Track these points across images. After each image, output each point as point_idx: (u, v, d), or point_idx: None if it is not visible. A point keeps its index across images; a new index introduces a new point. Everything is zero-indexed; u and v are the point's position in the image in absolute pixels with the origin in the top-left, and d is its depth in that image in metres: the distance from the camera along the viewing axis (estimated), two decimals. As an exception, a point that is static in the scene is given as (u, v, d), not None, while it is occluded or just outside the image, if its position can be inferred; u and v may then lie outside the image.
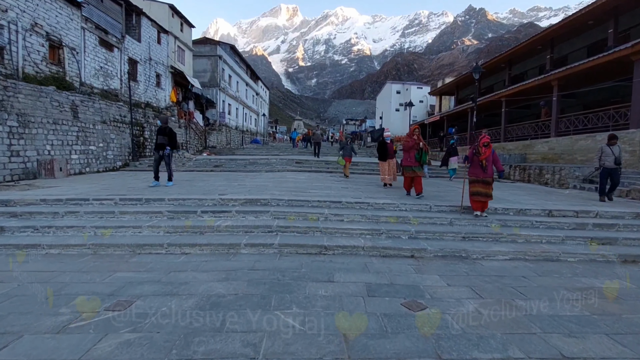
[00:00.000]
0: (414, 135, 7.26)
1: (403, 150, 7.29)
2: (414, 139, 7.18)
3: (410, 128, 7.46)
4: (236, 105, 35.56)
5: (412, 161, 7.03)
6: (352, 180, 10.66)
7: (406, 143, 7.26)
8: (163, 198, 6.07)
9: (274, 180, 9.86)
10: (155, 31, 19.43)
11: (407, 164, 7.12)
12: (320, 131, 20.50)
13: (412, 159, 7.03)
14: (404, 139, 7.41)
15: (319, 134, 19.50)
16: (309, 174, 12.69)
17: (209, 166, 14.28)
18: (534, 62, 21.02)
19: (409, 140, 7.26)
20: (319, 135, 19.07)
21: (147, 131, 17.04)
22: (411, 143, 7.10)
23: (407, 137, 7.43)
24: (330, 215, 5.59)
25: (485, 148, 5.69)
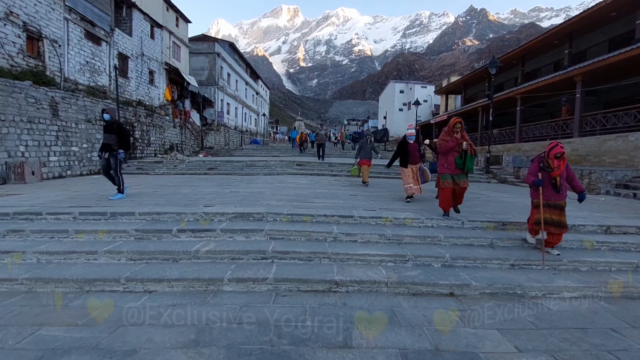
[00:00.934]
0: (454, 131, 5.16)
1: (439, 152, 5.38)
2: (455, 137, 5.10)
3: (450, 122, 5.25)
4: (235, 105, 34.47)
5: (453, 167, 5.08)
6: (360, 186, 9.51)
7: (444, 143, 5.17)
8: (133, 212, 4.93)
9: (272, 186, 8.72)
10: (148, 25, 18.33)
11: (445, 171, 5.14)
12: (324, 131, 18.64)
13: (452, 164, 5.09)
14: (441, 138, 5.30)
15: (322, 134, 17.72)
16: (311, 177, 11.55)
17: (203, 169, 13.16)
18: (548, 58, 19.86)
19: (449, 139, 5.16)
20: (323, 136, 17.27)
21: (138, 131, 15.92)
22: (451, 143, 5.07)
23: (445, 134, 5.26)
24: (340, 234, 4.44)
25: (558, 160, 4.09)
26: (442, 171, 5.22)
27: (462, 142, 5.04)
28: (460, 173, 5.11)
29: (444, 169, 5.20)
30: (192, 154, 21.75)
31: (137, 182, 9.33)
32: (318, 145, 16.50)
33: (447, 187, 5.12)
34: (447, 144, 5.13)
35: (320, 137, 17.17)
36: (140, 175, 12.03)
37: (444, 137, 5.27)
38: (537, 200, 4.13)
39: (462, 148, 5.02)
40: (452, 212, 5.31)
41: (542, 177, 4.11)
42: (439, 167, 5.37)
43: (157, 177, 11.23)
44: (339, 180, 10.86)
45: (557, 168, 4.05)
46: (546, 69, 20.02)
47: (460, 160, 5.08)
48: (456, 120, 5.20)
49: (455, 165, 5.10)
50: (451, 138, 5.15)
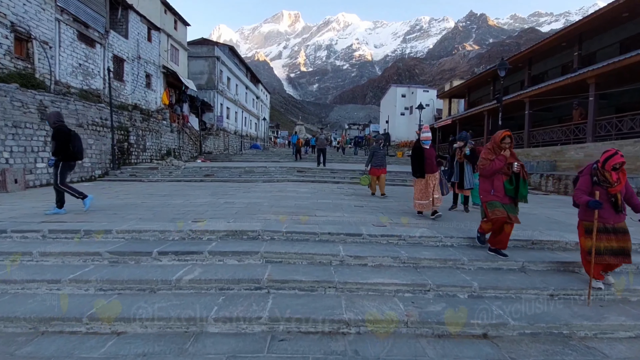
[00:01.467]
0: (502, 148, 3.93)
1: (481, 175, 4.11)
2: (503, 156, 3.90)
3: (495, 136, 4.02)
4: (235, 109, 34.01)
5: (502, 195, 3.90)
6: (365, 196, 8.89)
7: (488, 163, 3.93)
8: (110, 229, 4.33)
9: (271, 196, 8.13)
10: (145, 27, 17.89)
11: (493, 198, 3.94)
12: (324, 135, 17.64)
13: (501, 191, 3.91)
14: (484, 155, 4.05)
15: (322, 138, 16.81)
16: (312, 185, 10.95)
17: (199, 175, 12.58)
18: (555, 61, 19.35)
19: (494, 157, 3.93)
20: (324, 141, 16.38)
21: (133, 136, 15.38)
22: (499, 164, 3.86)
23: (488, 151, 4.04)
24: (347, 257, 3.83)
25: (617, 173, 3.29)
26: (489, 198, 3.99)
27: (513, 162, 3.89)
28: (510, 203, 3.93)
29: (489, 194, 3.98)
30: (190, 159, 21.21)
31: (126, 191, 8.75)
32: (319, 150, 15.81)
33: (500, 216, 3.82)
34: (493, 164, 3.89)
35: (320, 141, 16.26)
36: (133, 183, 11.46)
37: (487, 156, 4.02)
38: (590, 223, 3.34)
39: (513, 170, 3.87)
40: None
41: (594, 194, 3.33)
42: (481, 192, 4.12)
43: (149, 185, 10.65)
44: (342, 189, 10.26)
45: (617, 182, 3.29)
46: (553, 72, 19.50)
47: (510, 185, 3.91)
48: (504, 133, 3.95)
49: (504, 192, 3.91)
50: (498, 157, 3.92)
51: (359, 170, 13.55)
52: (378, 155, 8.29)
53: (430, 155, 5.73)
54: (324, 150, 15.83)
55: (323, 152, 15.62)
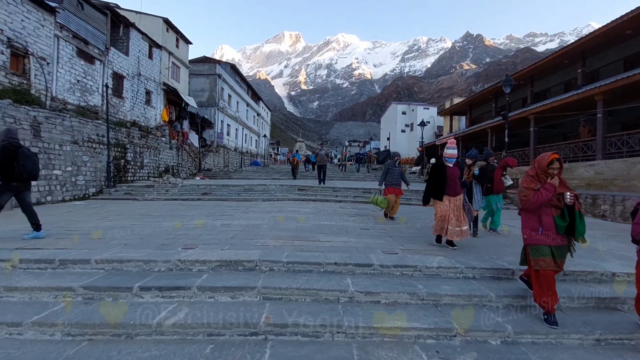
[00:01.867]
0: (548, 174, 3.12)
1: (523, 208, 3.28)
2: (551, 183, 3.08)
3: (540, 160, 3.21)
4: (236, 126, 33.95)
5: (553, 234, 3.08)
6: (371, 217, 8.41)
7: (532, 194, 3.13)
8: (89, 259, 3.85)
9: (271, 216, 7.65)
10: (147, 45, 17.90)
11: (540, 241, 3.10)
12: (325, 151, 16.38)
13: (551, 228, 3.08)
14: (526, 184, 3.24)
15: (323, 154, 15.57)
16: (314, 204, 10.49)
17: (196, 194, 12.14)
18: (558, 78, 19.29)
19: (540, 185, 3.14)
20: (324, 157, 15.28)
21: (130, 153, 15.03)
22: (546, 194, 3.05)
23: (531, 180, 3.23)
24: (357, 292, 3.33)
25: None
26: (534, 240, 3.11)
27: (564, 191, 3.07)
28: (564, 244, 3.11)
29: (536, 236, 3.10)
30: (189, 176, 20.82)
31: (118, 211, 8.28)
32: (319, 167, 15.08)
33: (547, 268, 3.04)
34: (539, 195, 3.06)
35: (321, 158, 15.29)
36: (128, 202, 11.00)
37: (529, 185, 3.17)
38: None
39: (565, 201, 3.05)
40: None
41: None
42: (525, 231, 3.23)
43: (144, 204, 10.18)
44: (345, 208, 9.78)
45: None
46: (556, 89, 19.41)
47: (562, 221, 3.06)
48: (552, 156, 3.11)
49: (556, 230, 3.06)
50: (545, 185, 3.08)
51: (363, 188, 13.12)
52: (393, 172, 7.51)
53: (453, 176, 4.81)
54: (324, 167, 15.03)
55: (323, 169, 14.85)
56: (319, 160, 15.35)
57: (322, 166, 14.94)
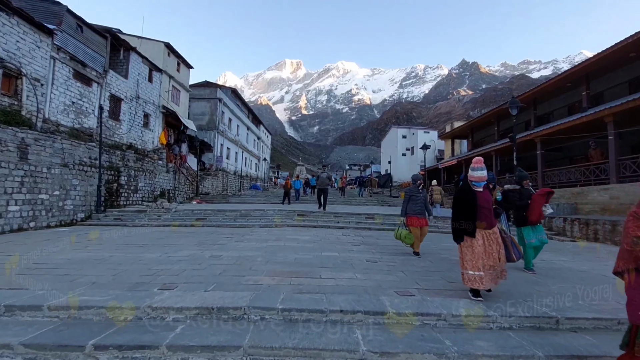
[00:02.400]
0: None
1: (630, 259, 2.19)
2: None
3: None
4: (235, 149, 33.73)
5: None
6: (374, 245, 7.71)
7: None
8: (41, 305, 3.16)
9: (267, 246, 6.96)
10: (147, 68, 17.85)
11: None
12: (326, 174, 15.03)
13: None
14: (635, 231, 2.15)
15: (324, 177, 14.36)
16: (315, 231, 9.78)
17: (190, 219, 11.46)
18: (561, 101, 19.11)
19: None
20: (325, 180, 14.13)
21: (124, 176, 14.50)
22: None
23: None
24: (370, 353, 2.62)
25: None
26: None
27: None
28: None
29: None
30: (186, 200, 20.19)
31: (101, 240, 7.59)
32: (320, 191, 13.94)
33: None
34: None
35: (322, 181, 14.13)
36: (116, 228, 10.31)
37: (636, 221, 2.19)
38: None
39: None
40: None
41: None
42: (634, 304, 2.20)
43: (131, 231, 9.49)
44: (348, 236, 9.07)
45: None
46: (559, 112, 19.19)
47: None
48: None
49: None
50: None
51: (365, 213, 12.44)
52: (417, 200, 6.27)
53: (486, 202, 3.79)
54: (326, 191, 13.91)
55: (324, 193, 13.74)
56: (320, 183, 14.24)
57: (324, 190, 13.88)
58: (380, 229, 10.82)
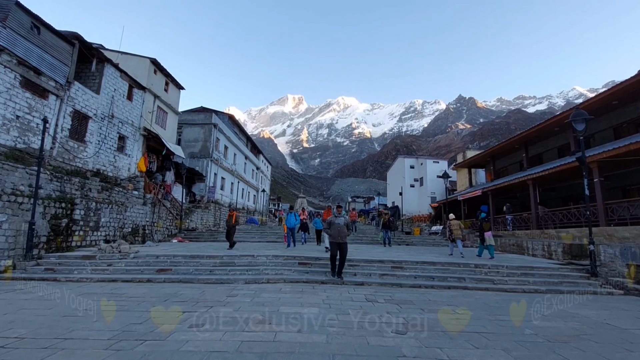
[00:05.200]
0: None
1: None
2: None
3: None
4: (231, 179, 30.93)
5: None
6: (429, 323, 4.52)
7: None
8: None
9: (248, 328, 3.80)
10: (126, 85, 15.48)
11: None
12: (344, 219, 8.10)
13: None
14: None
15: (341, 224, 7.94)
16: (324, 294, 6.57)
17: (150, 271, 8.26)
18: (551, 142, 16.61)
19: None
20: (343, 229, 7.89)
21: (81, 209, 11.47)
22: None
23: None
24: None
25: None
26: None
27: None
28: None
29: None
30: (167, 237, 16.99)
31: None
32: (335, 246, 7.80)
33: None
34: None
35: (338, 230, 7.85)
36: (40, 285, 7.11)
37: None
38: None
39: None
40: None
41: None
42: None
43: (55, 291, 6.29)
44: (377, 303, 5.87)
45: None
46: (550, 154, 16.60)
47: None
48: None
49: None
50: None
51: (390, 261, 9.22)
52: None
53: None
54: (344, 247, 7.79)
55: (342, 249, 7.77)
56: (336, 233, 7.83)
57: (341, 245, 7.77)
58: (415, 286, 7.60)
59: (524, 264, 9.75)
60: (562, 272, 9.23)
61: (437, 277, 8.23)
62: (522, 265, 9.44)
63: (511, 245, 14.69)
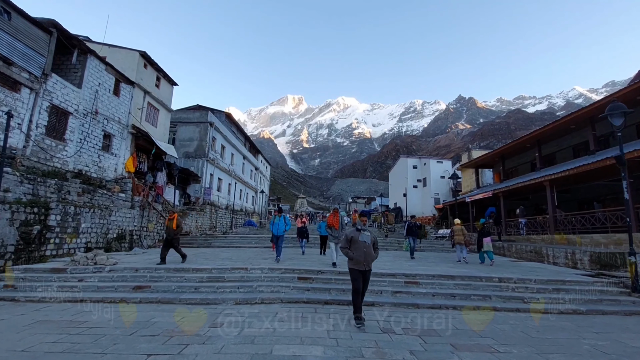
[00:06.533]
0: None
1: None
2: None
3: None
4: (229, 180, 29.81)
5: None
6: None
7: None
8: None
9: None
10: (112, 79, 14.36)
11: None
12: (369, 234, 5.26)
13: None
14: None
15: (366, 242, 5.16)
16: (331, 320, 5.44)
17: (126, 288, 7.12)
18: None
19: None
20: (369, 248, 5.15)
21: (57, 215, 10.35)
22: None
23: None
24: None
25: None
26: None
27: None
28: None
29: None
30: (157, 243, 15.89)
31: None
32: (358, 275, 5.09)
33: None
34: None
35: (361, 250, 5.08)
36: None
37: None
38: None
39: None
40: None
41: None
42: None
43: (6, 316, 5.16)
44: (395, 336, 4.73)
45: None
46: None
47: None
48: None
49: None
50: None
51: (403, 275, 8.07)
52: None
53: None
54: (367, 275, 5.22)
55: (366, 279, 5.20)
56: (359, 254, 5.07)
57: (365, 275, 5.17)
58: (434, 307, 6.48)
59: (552, 277, 8.62)
60: (597, 287, 8.10)
61: (459, 295, 7.10)
62: (552, 279, 8.31)
63: (528, 252, 13.57)
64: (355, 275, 5.11)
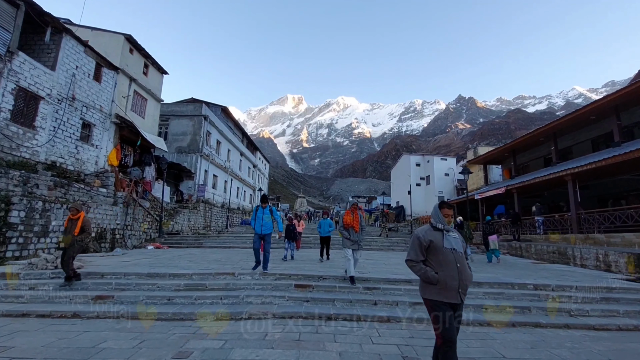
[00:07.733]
0: None
1: None
2: None
3: None
4: (225, 177, 28.51)
5: None
6: None
7: None
8: None
9: None
10: (92, 62, 13.05)
11: None
12: (457, 233, 2.99)
13: None
14: None
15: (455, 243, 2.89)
16: (338, 345, 4.14)
17: (85, 297, 5.82)
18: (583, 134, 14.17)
19: None
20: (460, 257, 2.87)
21: (20, 211, 9.05)
22: None
23: None
24: None
25: None
26: None
27: None
28: None
29: None
30: (143, 242, 14.60)
31: None
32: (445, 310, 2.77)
33: None
34: None
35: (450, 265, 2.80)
36: None
37: None
38: None
39: None
40: None
41: None
42: None
43: None
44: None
45: None
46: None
47: None
48: None
49: None
50: None
51: (416, 280, 6.77)
52: None
53: None
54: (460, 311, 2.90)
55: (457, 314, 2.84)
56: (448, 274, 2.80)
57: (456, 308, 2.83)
58: (462, 323, 5.20)
59: (591, 283, 7.34)
60: (649, 295, 6.84)
61: (491, 308, 5.81)
62: (594, 286, 7.03)
63: (550, 252, 12.29)
64: (441, 311, 2.76)
